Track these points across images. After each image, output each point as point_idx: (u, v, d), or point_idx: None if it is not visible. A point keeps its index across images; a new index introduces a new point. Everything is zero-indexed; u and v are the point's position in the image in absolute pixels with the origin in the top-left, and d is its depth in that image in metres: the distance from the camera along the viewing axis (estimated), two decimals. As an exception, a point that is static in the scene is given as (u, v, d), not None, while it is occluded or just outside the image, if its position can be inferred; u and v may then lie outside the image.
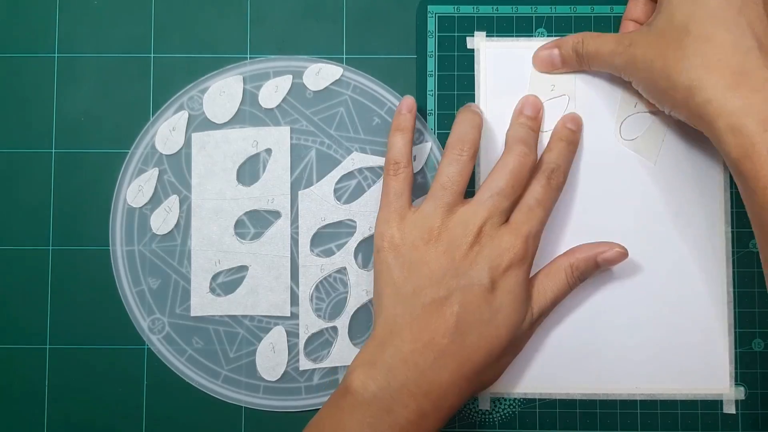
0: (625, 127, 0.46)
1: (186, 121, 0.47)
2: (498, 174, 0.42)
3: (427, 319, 0.39)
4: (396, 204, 0.42)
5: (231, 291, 0.46)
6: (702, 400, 0.45)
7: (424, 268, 0.40)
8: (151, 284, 0.46)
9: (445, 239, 0.41)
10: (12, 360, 0.46)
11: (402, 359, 0.39)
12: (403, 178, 0.43)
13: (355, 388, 0.39)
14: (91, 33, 0.48)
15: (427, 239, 0.41)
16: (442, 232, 0.41)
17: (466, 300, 0.40)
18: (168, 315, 0.46)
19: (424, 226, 0.41)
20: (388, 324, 0.40)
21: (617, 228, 0.45)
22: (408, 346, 0.39)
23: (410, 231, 0.41)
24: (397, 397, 0.38)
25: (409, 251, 0.41)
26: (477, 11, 0.47)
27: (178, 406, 0.46)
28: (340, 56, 0.47)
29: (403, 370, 0.39)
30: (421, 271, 0.40)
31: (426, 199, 0.42)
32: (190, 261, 0.46)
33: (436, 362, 0.39)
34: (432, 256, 0.40)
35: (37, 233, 0.47)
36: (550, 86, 0.46)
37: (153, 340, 0.46)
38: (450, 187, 0.41)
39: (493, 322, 0.40)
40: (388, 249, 0.41)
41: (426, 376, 0.39)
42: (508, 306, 0.40)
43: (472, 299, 0.40)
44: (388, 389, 0.38)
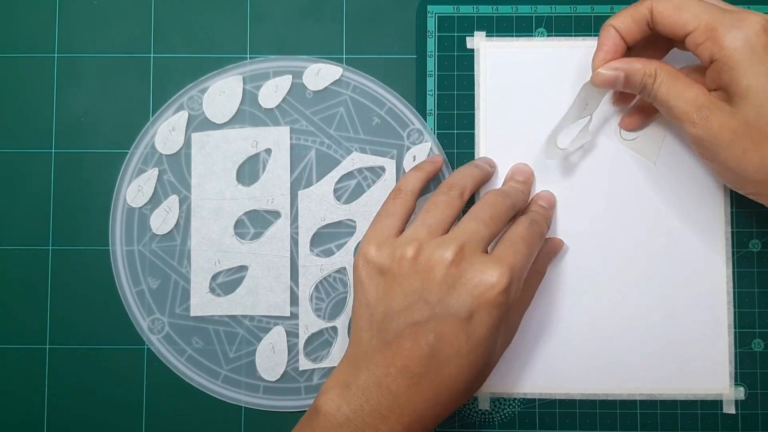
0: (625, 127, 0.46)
1: (186, 121, 0.47)
2: (477, 205, 0.41)
3: (400, 345, 0.37)
4: (385, 223, 0.40)
5: (231, 291, 0.46)
6: (702, 400, 0.45)
7: (397, 289, 0.38)
8: (151, 284, 0.46)
9: (422, 259, 0.38)
10: (12, 360, 0.46)
11: (376, 383, 0.37)
12: (401, 203, 0.41)
13: (328, 410, 0.37)
14: (91, 33, 0.48)
15: (401, 259, 0.38)
16: (420, 253, 0.38)
17: (442, 330, 0.37)
18: (168, 315, 0.46)
19: (402, 247, 0.39)
20: (361, 345, 0.39)
21: (617, 228, 0.46)
22: (381, 371, 0.37)
23: (388, 251, 0.39)
24: (370, 420, 0.37)
25: (384, 272, 0.39)
26: (477, 11, 0.47)
27: (178, 406, 0.46)
28: (340, 56, 0.47)
29: (376, 394, 0.37)
30: (394, 293, 0.38)
31: (409, 224, 0.41)
32: (189, 261, 0.46)
33: (410, 389, 0.37)
34: (406, 277, 0.38)
35: (37, 233, 0.47)
36: (583, 105, 0.44)
37: (153, 340, 0.46)
38: (434, 212, 0.40)
39: (472, 354, 0.37)
40: (363, 266, 0.39)
41: (400, 401, 0.37)
42: (488, 338, 0.38)
43: (449, 330, 0.37)
44: (360, 412, 0.37)
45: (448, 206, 0.41)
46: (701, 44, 0.38)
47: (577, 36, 0.47)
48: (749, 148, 0.37)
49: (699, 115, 0.38)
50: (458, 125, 0.47)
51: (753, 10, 0.38)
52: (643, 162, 0.46)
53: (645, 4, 0.40)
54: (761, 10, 0.46)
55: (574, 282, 0.46)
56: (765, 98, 0.37)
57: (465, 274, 0.38)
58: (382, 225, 0.40)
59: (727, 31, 0.37)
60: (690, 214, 0.46)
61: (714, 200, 0.46)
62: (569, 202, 0.46)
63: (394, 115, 0.47)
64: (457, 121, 0.47)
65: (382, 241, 0.40)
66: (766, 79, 0.37)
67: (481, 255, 0.38)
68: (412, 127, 0.47)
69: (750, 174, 0.38)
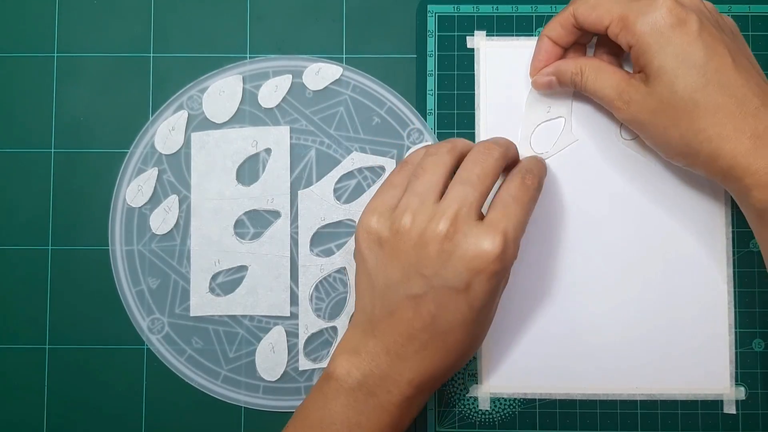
0: (625, 127, 0.46)
1: (185, 121, 0.47)
2: (464, 166, 0.40)
3: (403, 314, 0.39)
4: (386, 194, 0.40)
5: (231, 291, 0.46)
6: (702, 400, 0.45)
7: (395, 261, 0.39)
8: (151, 284, 0.46)
9: (415, 233, 0.38)
10: (12, 360, 0.46)
11: (384, 349, 0.39)
12: (405, 175, 0.41)
13: (339, 375, 0.39)
14: (91, 33, 0.48)
15: (396, 232, 0.39)
16: (413, 226, 0.38)
17: (442, 302, 0.38)
18: (167, 315, 0.46)
19: (398, 220, 0.39)
20: (365, 314, 0.40)
21: (617, 228, 0.45)
22: (389, 338, 0.39)
23: (385, 222, 0.39)
24: (381, 383, 0.39)
25: (382, 243, 0.39)
26: (477, 11, 0.47)
27: (178, 406, 0.46)
28: (340, 56, 0.47)
29: (386, 359, 0.39)
30: (393, 265, 0.39)
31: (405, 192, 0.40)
32: (189, 261, 0.46)
33: (418, 354, 0.39)
34: (403, 249, 0.38)
35: (37, 233, 0.47)
36: (545, 108, 0.46)
37: (152, 340, 0.46)
38: (422, 178, 0.39)
39: (475, 321, 0.39)
40: (363, 238, 0.40)
41: (409, 365, 0.39)
42: (488, 304, 0.39)
43: (449, 301, 0.38)
44: (371, 376, 0.39)
45: (437, 165, 0.40)
46: (618, 34, 0.41)
47: (577, 35, 0.47)
48: (668, 125, 0.40)
49: (621, 100, 0.41)
50: (458, 125, 0.47)
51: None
52: (643, 162, 0.46)
53: (568, 9, 0.43)
54: (761, 10, 0.46)
55: (574, 282, 0.46)
56: (674, 77, 0.39)
57: (459, 246, 0.37)
58: (384, 196, 0.40)
59: (636, 17, 0.40)
60: (690, 214, 0.46)
61: (714, 200, 0.46)
62: (569, 202, 0.46)
63: (394, 114, 0.47)
64: (457, 121, 0.47)
65: (382, 212, 0.40)
66: (674, 58, 0.39)
67: (474, 224, 0.38)
68: (412, 127, 0.47)
69: (674, 148, 0.40)
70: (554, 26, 0.43)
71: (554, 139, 0.46)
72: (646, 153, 0.46)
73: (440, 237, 0.38)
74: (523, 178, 0.41)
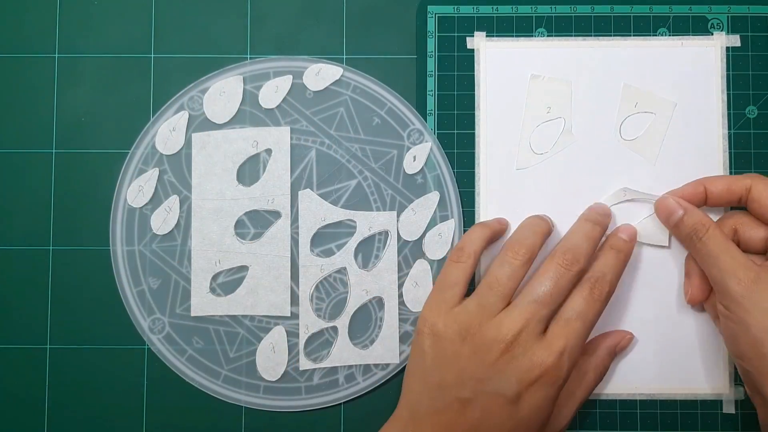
0: (625, 127, 0.46)
1: (186, 121, 0.47)
2: (539, 280, 0.41)
3: (448, 415, 0.39)
4: (449, 293, 0.41)
5: (231, 291, 0.46)
6: (702, 400, 0.45)
7: (454, 364, 0.40)
8: (152, 284, 0.46)
9: (479, 341, 0.40)
10: (12, 360, 0.46)
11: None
12: (463, 268, 0.42)
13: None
14: (91, 33, 0.48)
15: (464, 336, 0.40)
16: (477, 332, 0.40)
17: (488, 407, 0.39)
18: (168, 315, 0.46)
19: (464, 323, 0.40)
20: (411, 407, 0.41)
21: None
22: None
23: (451, 324, 0.40)
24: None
25: (445, 344, 0.40)
26: (477, 11, 0.47)
27: (178, 406, 0.46)
28: (340, 56, 0.47)
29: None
30: (450, 367, 0.40)
31: (472, 295, 0.42)
32: (190, 261, 0.46)
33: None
34: (464, 355, 0.40)
35: (37, 233, 0.47)
36: (545, 108, 0.46)
37: (153, 340, 0.46)
38: (496, 288, 0.41)
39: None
40: (428, 335, 0.41)
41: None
42: (531, 420, 0.39)
43: (495, 408, 0.39)
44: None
45: (510, 279, 0.41)
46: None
47: (577, 36, 0.47)
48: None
49: (746, 274, 0.39)
50: (458, 125, 0.47)
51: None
52: (643, 162, 0.46)
53: (745, 180, 0.41)
54: (761, 10, 0.46)
55: (574, 282, 0.46)
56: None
57: (516, 359, 0.39)
58: (446, 295, 0.41)
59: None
60: (690, 214, 0.46)
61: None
62: (569, 202, 0.46)
63: (394, 115, 0.47)
64: (457, 121, 0.47)
65: (448, 314, 0.41)
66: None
67: (534, 340, 0.39)
68: (412, 127, 0.47)
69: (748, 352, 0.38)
70: (720, 185, 0.42)
71: (554, 139, 0.46)
72: (646, 153, 0.46)
73: (501, 348, 0.39)
74: (591, 289, 0.41)
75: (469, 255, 0.42)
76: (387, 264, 0.46)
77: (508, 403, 0.39)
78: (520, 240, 0.42)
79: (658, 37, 0.47)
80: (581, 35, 0.47)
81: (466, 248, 0.42)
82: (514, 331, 0.39)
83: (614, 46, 0.46)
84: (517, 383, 0.39)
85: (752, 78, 0.46)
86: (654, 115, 0.46)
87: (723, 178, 0.43)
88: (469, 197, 0.46)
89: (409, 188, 0.47)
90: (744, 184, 0.42)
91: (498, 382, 0.39)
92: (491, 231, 0.43)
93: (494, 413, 0.39)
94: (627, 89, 0.46)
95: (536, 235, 0.42)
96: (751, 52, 0.46)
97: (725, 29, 0.46)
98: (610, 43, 0.47)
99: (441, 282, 0.42)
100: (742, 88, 0.46)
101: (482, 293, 0.41)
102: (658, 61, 0.46)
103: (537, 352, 0.39)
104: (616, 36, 0.47)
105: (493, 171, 0.46)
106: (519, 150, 0.46)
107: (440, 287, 0.42)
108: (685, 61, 0.46)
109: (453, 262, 0.42)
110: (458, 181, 0.46)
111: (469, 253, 0.42)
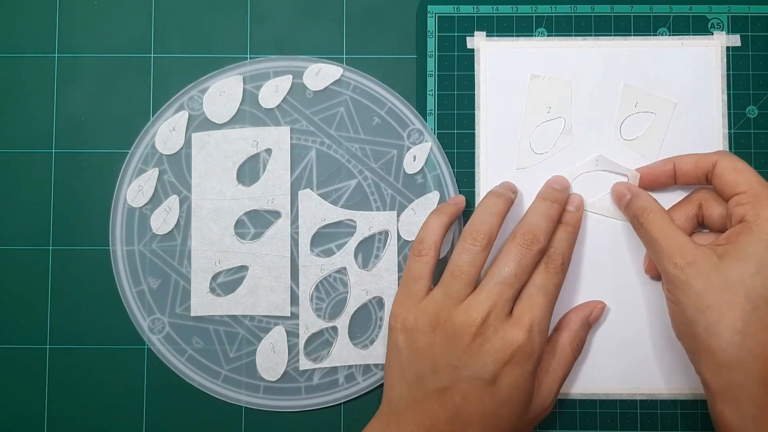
0: (625, 127, 0.46)
1: (186, 121, 0.47)
2: (502, 261, 0.41)
3: (429, 405, 0.40)
4: (414, 287, 0.42)
5: (231, 291, 0.46)
6: (702, 400, 0.45)
7: (428, 355, 0.40)
8: (151, 284, 0.46)
9: (450, 328, 0.40)
10: (12, 360, 0.46)
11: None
12: (426, 261, 0.42)
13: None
14: (91, 33, 0.48)
15: (434, 326, 0.40)
16: (447, 320, 0.40)
17: (467, 392, 0.39)
18: (168, 315, 0.46)
19: (432, 313, 0.41)
20: (392, 402, 0.41)
21: (617, 228, 0.46)
22: (411, 428, 0.40)
23: (421, 316, 0.41)
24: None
25: (418, 336, 0.41)
26: (477, 11, 0.47)
27: (178, 406, 0.46)
28: (340, 56, 0.47)
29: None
30: (425, 358, 0.40)
31: (437, 285, 0.42)
32: (190, 261, 0.46)
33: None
34: (437, 344, 0.40)
35: (37, 233, 0.47)
36: (545, 108, 0.46)
37: (153, 340, 0.46)
38: (459, 276, 0.41)
39: (496, 414, 0.40)
40: (400, 330, 0.41)
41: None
42: (512, 399, 0.40)
43: (474, 391, 0.39)
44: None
45: (471, 265, 0.41)
46: (742, 205, 0.40)
47: (577, 36, 0.47)
48: (711, 305, 0.38)
49: (682, 257, 0.39)
50: (458, 125, 0.47)
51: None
52: (643, 162, 0.46)
53: (711, 157, 0.42)
54: (761, 10, 0.46)
55: (574, 282, 0.46)
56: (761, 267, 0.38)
57: (488, 341, 0.40)
58: (413, 289, 0.42)
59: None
60: (690, 214, 0.46)
61: (714, 200, 0.46)
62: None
63: (394, 115, 0.47)
64: (457, 121, 0.47)
65: (417, 308, 0.41)
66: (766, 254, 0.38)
67: (503, 320, 0.40)
68: (413, 127, 0.47)
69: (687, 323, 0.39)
70: (688, 161, 0.43)
71: (554, 139, 0.46)
72: (646, 153, 0.46)
73: (472, 332, 0.40)
74: (546, 264, 0.42)
75: (430, 247, 0.42)
76: (387, 264, 0.46)
77: (486, 385, 0.39)
78: (477, 226, 0.42)
79: (658, 37, 0.47)
80: (581, 35, 0.47)
81: (425, 240, 0.42)
82: (483, 314, 0.40)
83: (614, 46, 0.46)
84: (492, 364, 0.39)
85: (752, 78, 0.46)
86: (654, 115, 0.46)
87: (692, 156, 0.44)
88: (469, 197, 0.46)
89: (409, 188, 0.47)
90: (711, 159, 0.42)
91: (473, 366, 0.39)
92: (448, 217, 0.43)
93: (474, 397, 0.39)
94: (627, 89, 0.46)
95: (493, 216, 0.42)
96: (752, 52, 0.46)
97: (725, 29, 0.46)
98: (610, 43, 0.47)
99: (406, 277, 0.42)
100: (742, 88, 0.46)
101: (447, 282, 0.41)
102: (658, 61, 0.46)
103: (507, 330, 0.40)
104: (616, 36, 0.47)
105: (493, 171, 0.46)
106: (519, 150, 0.46)
107: (406, 282, 0.42)
108: (685, 61, 0.46)
109: (415, 257, 0.42)
110: (458, 181, 0.46)
111: (430, 245, 0.42)
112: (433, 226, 0.43)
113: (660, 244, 0.40)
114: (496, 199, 0.43)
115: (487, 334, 0.40)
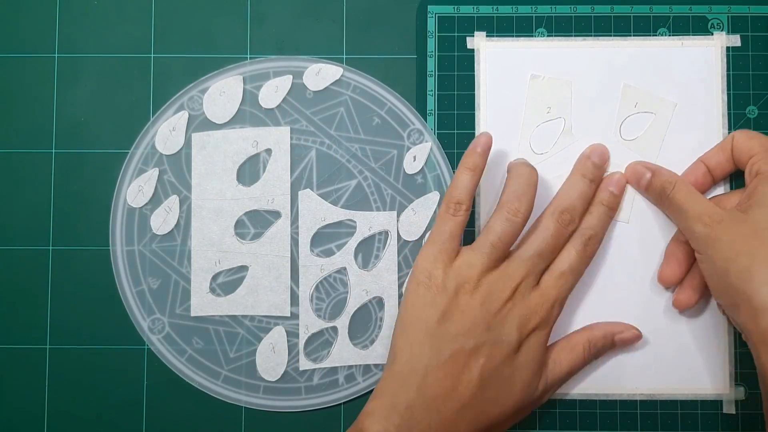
0: (625, 127, 0.46)
1: (186, 121, 0.47)
2: (540, 235, 0.42)
3: (452, 366, 0.40)
4: (448, 245, 0.42)
5: (231, 291, 0.46)
6: (702, 400, 0.45)
7: (459, 315, 0.41)
8: (151, 284, 0.46)
9: (484, 292, 0.41)
10: (12, 360, 0.46)
11: (425, 405, 0.39)
12: (459, 221, 0.42)
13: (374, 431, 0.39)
14: (91, 33, 0.48)
15: (468, 289, 0.41)
16: (482, 284, 0.41)
17: (492, 355, 0.40)
18: (168, 315, 0.46)
19: (467, 275, 0.41)
20: (412, 361, 0.40)
21: (617, 227, 0.46)
22: (431, 391, 0.39)
23: (454, 276, 0.41)
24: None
25: (449, 295, 0.41)
26: (477, 11, 0.47)
27: (178, 406, 0.46)
28: (340, 56, 0.47)
29: (425, 415, 0.39)
30: (455, 318, 0.40)
31: (472, 247, 0.42)
32: (190, 261, 0.46)
33: (458, 412, 0.39)
34: (469, 306, 0.41)
35: (37, 233, 0.47)
36: (545, 108, 0.46)
37: (153, 340, 0.46)
38: (497, 245, 0.41)
39: (511, 379, 0.41)
40: (429, 286, 0.41)
41: (445, 423, 0.39)
42: (527, 367, 0.41)
43: (498, 355, 0.40)
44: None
45: (511, 236, 0.42)
46: (757, 162, 0.42)
47: (577, 36, 0.47)
48: (742, 252, 0.39)
49: (710, 217, 0.41)
50: (458, 125, 0.47)
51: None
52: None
53: (729, 136, 0.44)
54: (761, 10, 0.46)
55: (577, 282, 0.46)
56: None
57: (516, 307, 0.41)
58: (447, 247, 0.42)
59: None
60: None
61: (714, 200, 0.46)
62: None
63: (394, 115, 0.47)
64: (457, 121, 0.47)
65: (447, 263, 0.42)
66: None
67: (531, 290, 0.42)
68: (412, 127, 0.47)
69: (731, 277, 0.39)
70: (713, 152, 0.45)
71: (554, 139, 0.46)
72: (646, 153, 0.46)
73: (503, 298, 0.41)
74: (585, 246, 0.43)
75: (464, 207, 0.42)
76: (387, 264, 0.46)
77: (510, 350, 0.41)
78: (519, 196, 0.42)
79: (658, 37, 0.47)
80: (581, 35, 0.47)
81: (461, 201, 0.42)
82: (517, 281, 0.42)
83: (614, 46, 0.46)
84: (517, 330, 0.41)
85: (752, 78, 0.46)
86: (654, 115, 0.46)
87: (713, 148, 0.45)
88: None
89: (409, 188, 0.47)
90: (729, 138, 0.44)
91: (500, 330, 0.41)
92: (479, 174, 0.43)
93: (496, 360, 0.40)
94: (627, 89, 0.46)
95: (531, 187, 0.42)
96: (751, 52, 0.46)
97: (725, 29, 0.46)
98: (610, 43, 0.47)
99: (438, 233, 0.42)
100: (742, 88, 0.46)
101: (484, 248, 0.42)
102: (658, 61, 0.46)
103: (534, 300, 0.42)
104: (616, 36, 0.47)
105: (493, 171, 0.46)
106: (519, 150, 0.46)
107: (438, 239, 0.42)
108: (685, 61, 0.46)
109: (450, 216, 0.42)
110: (458, 181, 0.46)
111: (467, 206, 0.42)
112: (465, 185, 0.43)
113: (688, 210, 0.42)
114: (529, 168, 0.43)
115: (515, 300, 0.41)
